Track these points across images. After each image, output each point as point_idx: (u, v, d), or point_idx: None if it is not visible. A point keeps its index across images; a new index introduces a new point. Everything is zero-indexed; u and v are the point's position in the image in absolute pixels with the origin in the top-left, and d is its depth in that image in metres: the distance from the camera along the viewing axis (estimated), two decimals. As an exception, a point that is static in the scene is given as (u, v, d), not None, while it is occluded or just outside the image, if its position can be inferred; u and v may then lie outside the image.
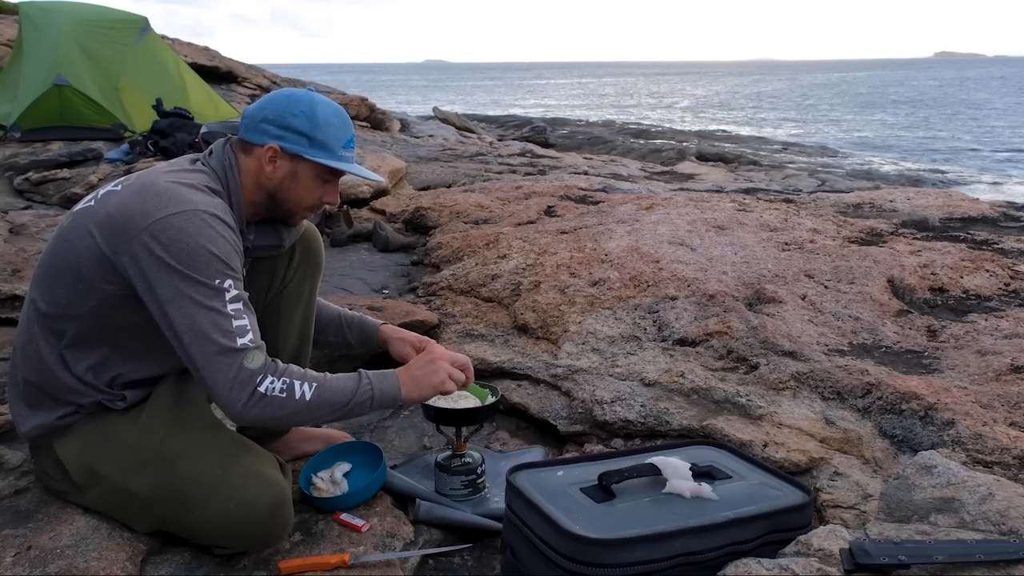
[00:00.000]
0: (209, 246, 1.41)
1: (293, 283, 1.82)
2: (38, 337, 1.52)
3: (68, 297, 1.48)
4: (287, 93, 1.58)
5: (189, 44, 12.50)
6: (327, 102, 1.60)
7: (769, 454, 1.87)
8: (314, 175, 1.59)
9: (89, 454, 1.54)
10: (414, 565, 1.61)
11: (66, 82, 6.65)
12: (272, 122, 1.55)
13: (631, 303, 2.72)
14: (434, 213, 4.38)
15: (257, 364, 1.41)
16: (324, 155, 1.57)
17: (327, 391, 1.46)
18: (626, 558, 1.27)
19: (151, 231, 1.39)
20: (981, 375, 2.20)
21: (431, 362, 1.63)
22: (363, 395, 1.50)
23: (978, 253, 3.23)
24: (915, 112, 33.55)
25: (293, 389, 1.43)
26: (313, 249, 1.85)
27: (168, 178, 1.48)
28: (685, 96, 51.41)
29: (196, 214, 1.42)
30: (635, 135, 17.21)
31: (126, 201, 1.44)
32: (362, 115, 10.21)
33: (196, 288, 1.39)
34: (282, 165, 1.56)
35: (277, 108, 1.55)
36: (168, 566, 1.54)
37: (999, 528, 1.23)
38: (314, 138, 1.55)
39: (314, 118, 1.55)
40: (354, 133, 1.65)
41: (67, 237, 1.50)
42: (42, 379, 1.53)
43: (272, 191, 1.59)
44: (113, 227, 1.42)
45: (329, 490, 1.76)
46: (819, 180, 9.20)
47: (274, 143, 1.54)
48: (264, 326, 1.81)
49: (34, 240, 3.87)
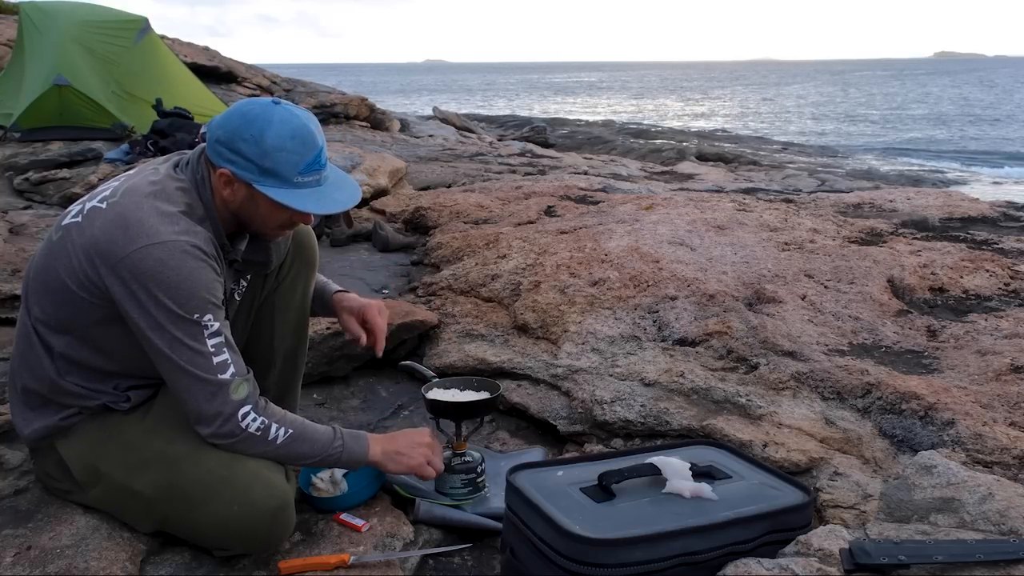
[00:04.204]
0: (188, 281, 1.40)
1: (287, 282, 1.82)
2: (36, 345, 1.52)
3: (61, 312, 1.48)
4: (244, 111, 1.46)
5: (189, 44, 12.50)
6: (285, 121, 1.44)
7: (769, 454, 1.87)
8: (272, 202, 1.47)
9: (93, 453, 1.54)
10: (414, 565, 1.61)
11: (66, 82, 6.65)
12: (224, 144, 1.45)
13: (631, 303, 2.72)
14: (434, 213, 4.38)
15: (242, 395, 1.45)
16: (275, 184, 1.45)
17: (298, 441, 1.52)
18: (626, 558, 1.27)
19: (132, 260, 1.38)
20: (981, 375, 2.20)
21: (416, 446, 1.67)
22: (333, 453, 1.56)
23: (978, 253, 3.23)
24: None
25: (269, 430, 1.48)
26: (307, 247, 1.84)
27: (149, 202, 1.43)
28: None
29: (176, 245, 1.40)
30: (635, 135, 17.23)
31: (107, 227, 1.41)
32: (362, 115, 10.21)
33: (176, 323, 1.40)
34: (239, 188, 1.48)
35: (229, 129, 1.44)
36: (168, 566, 1.54)
37: (999, 528, 1.24)
38: (263, 167, 1.43)
39: (262, 144, 1.42)
40: (322, 148, 1.49)
41: (55, 254, 1.48)
42: (43, 386, 1.53)
43: (235, 212, 1.53)
44: (96, 252, 1.41)
45: (329, 490, 1.76)
46: (819, 180, 9.20)
47: (226, 168, 1.45)
48: (260, 325, 1.81)
49: (34, 240, 3.87)
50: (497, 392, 1.90)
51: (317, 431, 1.56)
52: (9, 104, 6.93)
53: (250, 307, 1.78)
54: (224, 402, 1.44)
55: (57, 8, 7.49)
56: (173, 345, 1.41)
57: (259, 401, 1.49)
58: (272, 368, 1.86)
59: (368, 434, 1.64)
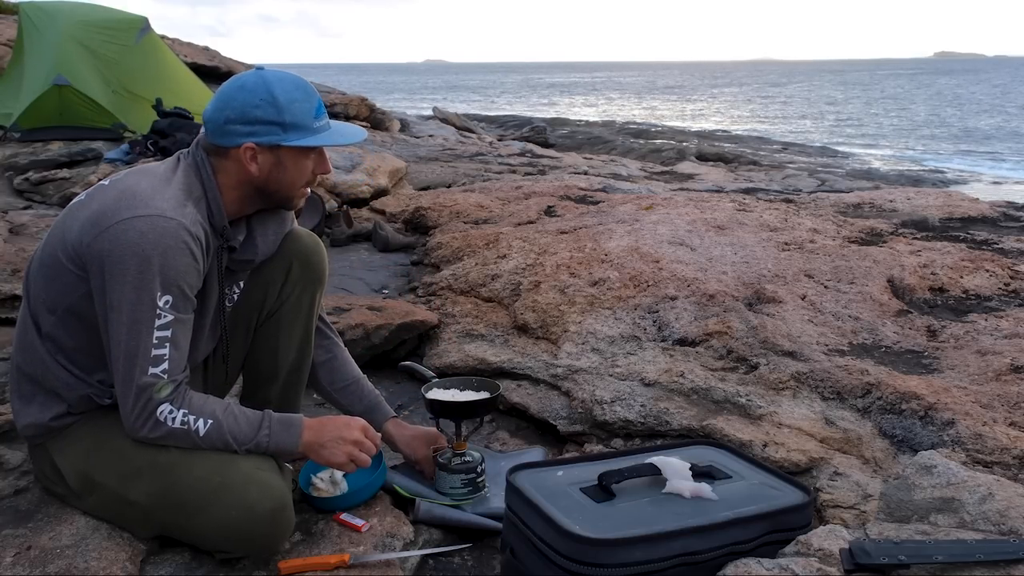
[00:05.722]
0: (162, 258, 1.40)
1: (292, 298, 1.79)
2: (30, 327, 1.53)
3: (51, 288, 1.50)
4: (238, 85, 1.52)
5: (189, 44, 12.50)
6: (282, 77, 1.54)
7: (769, 454, 1.87)
8: (298, 154, 1.56)
9: (86, 462, 1.53)
10: (414, 565, 1.61)
11: (66, 82, 6.65)
12: (237, 121, 1.50)
13: (631, 303, 2.72)
14: (434, 213, 4.38)
15: (164, 395, 1.44)
16: (300, 135, 1.53)
17: (220, 432, 1.49)
18: (626, 558, 1.27)
19: (114, 231, 1.39)
20: (981, 375, 2.20)
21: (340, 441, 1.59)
22: (261, 442, 1.52)
23: (978, 253, 3.23)
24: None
25: (188, 423, 1.47)
26: (313, 263, 1.80)
27: (148, 180, 1.47)
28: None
29: (162, 219, 1.41)
30: (635, 135, 17.23)
31: (104, 199, 1.46)
32: (362, 115, 10.21)
33: (134, 302, 1.39)
34: (264, 159, 1.53)
35: (236, 104, 1.49)
36: (168, 566, 1.54)
37: (999, 528, 1.24)
38: (284, 123, 1.51)
39: (276, 102, 1.49)
40: (319, 97, 1.58)
41: (56, 230, 1.52)
42: (34, 369, 1.54)
43: (261, 185, 1.56)
44: (88, 223, 1.43)
45: (329, 490, 1.76)
46: (819, 180, 9.21)
47: (247, 141, 1.50)
48: (264, 340, 1.80)
49: (34, 240, 3.87)
50: (497, 392, 1.89)
51: (243, 419, 1.52)
52: (9, 104, 6.92)
53: (251, 320, 1.78)
54: (150, 400, 1.42)
55: (57, 8, 7.49)
56: (128, 327, 1.40)
57: (178, 393, 1.46)
58: (275, 382, 1.84)
59: (304, 420, 1.58)
